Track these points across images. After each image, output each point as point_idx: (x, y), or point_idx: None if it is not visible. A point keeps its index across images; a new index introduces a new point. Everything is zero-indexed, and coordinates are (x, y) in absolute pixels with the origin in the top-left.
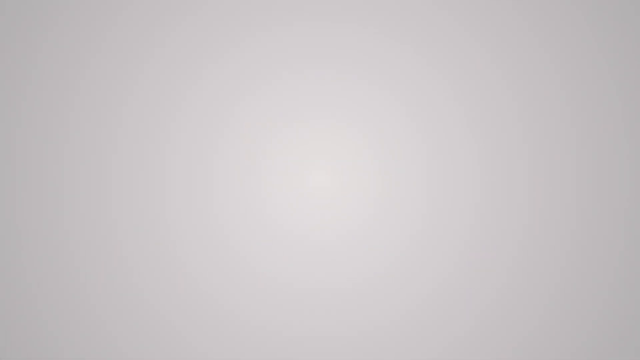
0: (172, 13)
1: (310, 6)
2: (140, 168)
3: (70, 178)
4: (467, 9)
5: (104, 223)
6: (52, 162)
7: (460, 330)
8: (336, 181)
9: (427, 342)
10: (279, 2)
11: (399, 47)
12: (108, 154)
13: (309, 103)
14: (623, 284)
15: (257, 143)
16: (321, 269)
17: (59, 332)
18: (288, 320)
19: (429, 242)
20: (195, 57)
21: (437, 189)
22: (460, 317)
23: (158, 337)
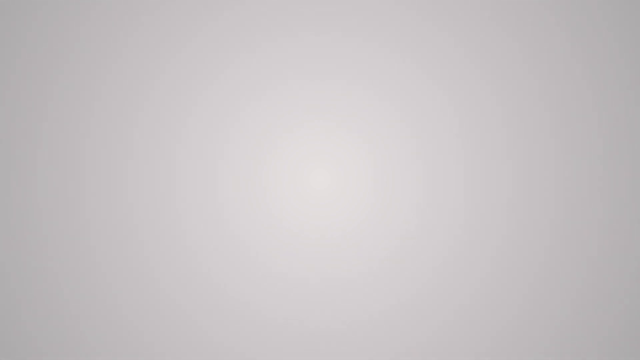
0: (185, 25)
1: (311, 19)
2: (153, 168)
3: (88, 178)
4: (457, 18)
5: (121, 220)
6: (71, 163)
7: (450, 319)
8: (335, 180)
9: (421, 328)
10: (283, 16)
11: (393, 56)
12: (123, 155)
13: (310, 108)
14: (608, 280)
15: (262, 145)
16: (321, 261)
17: (84, 325)
18: (290, 309)
19: (422, 237)
20: (205, 66)
21: (429, 187)
22: (449, 305)
23: (176, 327)
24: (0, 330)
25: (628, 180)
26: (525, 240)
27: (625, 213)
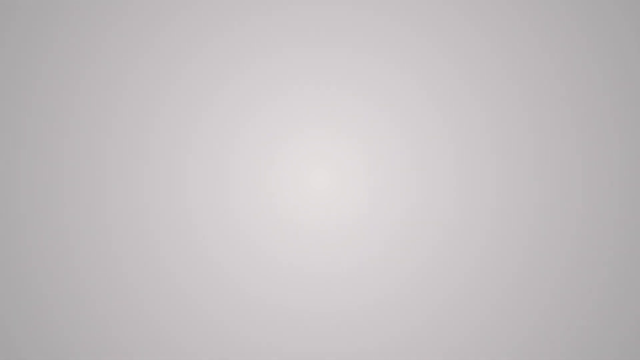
0: (193, 36)
1: (310, 34)
2: (165, 170)
3: (104, 182)
4: (451, 28)
5: (136, 220)
6: (84, 167)
7: (439, 310)
8: (334, 180)
9: (411, 318)
10: (285, 30)
11: (389, 65)
12: (136, 156)
13: (311, 114)
14: (594, 278)
15: (267, 148)
16: (321, 256)
17: (104, 320)
18: (293, 298)
19: (415, 233)
20: (215, 77)
21: (422, 186)
22: (444, 300)
23: (194, 319)
24: (21, 327)
25: (614, 180)
26: (518, 240)
27: (611, 212)
